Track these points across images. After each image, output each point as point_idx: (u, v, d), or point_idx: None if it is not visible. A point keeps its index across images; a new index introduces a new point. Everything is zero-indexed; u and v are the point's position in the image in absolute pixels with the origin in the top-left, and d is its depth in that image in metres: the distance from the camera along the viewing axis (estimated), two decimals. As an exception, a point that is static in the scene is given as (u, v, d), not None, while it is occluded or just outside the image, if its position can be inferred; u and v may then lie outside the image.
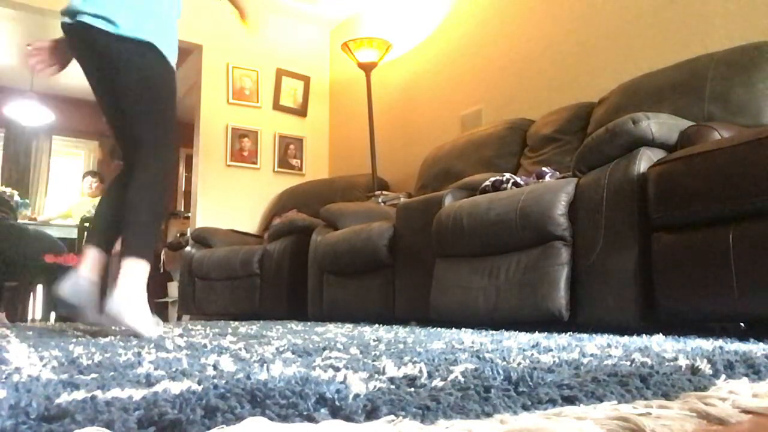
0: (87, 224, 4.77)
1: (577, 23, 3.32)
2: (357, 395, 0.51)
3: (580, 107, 2.95)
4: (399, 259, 2.77)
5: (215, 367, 0.78)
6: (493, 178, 2.56)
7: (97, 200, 6.21)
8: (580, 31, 3.30)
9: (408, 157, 4.40)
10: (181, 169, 8.31)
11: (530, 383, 0.58)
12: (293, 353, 1.04)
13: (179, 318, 4.96)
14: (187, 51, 5.54)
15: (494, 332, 1.88)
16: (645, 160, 1.81)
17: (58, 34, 1.92)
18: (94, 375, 0.71)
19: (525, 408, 0.50)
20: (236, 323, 2.86)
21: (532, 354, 0.98)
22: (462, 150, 3.50)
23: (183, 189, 8.20)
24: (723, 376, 0.67)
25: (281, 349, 1.15)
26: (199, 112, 5.09)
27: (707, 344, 1.20)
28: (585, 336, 1.61)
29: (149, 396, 0.52)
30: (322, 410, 0.47)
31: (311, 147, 5.45)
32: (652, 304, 1.71)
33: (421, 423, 0.46)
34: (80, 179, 7.80)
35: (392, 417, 0.46)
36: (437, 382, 0.62)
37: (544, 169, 2.55)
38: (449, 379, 0.65)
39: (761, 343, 1.24)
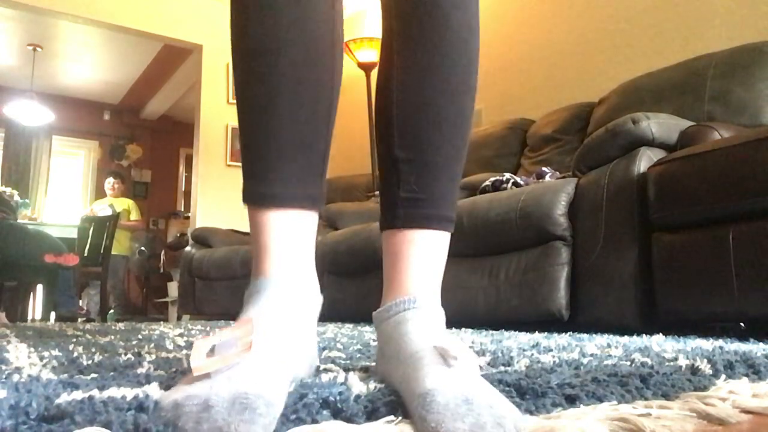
0: (87, 224, 4.78)
1: (577, 23, 3.32)
2: (358, 396, 0.51)
3: (580, 107, 2.95)
4: (399, 259, 2.77)
5: (215, 368, 0.78)
6: (493, 178, 2.56)
7: (117, 200, 6.24)
8: (580, 31, 3.30)
9: (408, 157, 4.40)
10: (181, 169, 8.31)
11: (531, 384, 0.58)
12: (293, 353, 1.04)
13: (179, 318, 4.96)
14: (187, 51, 5.55)
15: (494, 332, 1.88)
16: (645, 160, 1.81)
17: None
18: (94, 375, 0.71)
19: (527, 410, 0.50)
20: (236, 323, 2.85)
21: (532, 354, 0.98)
22: (462, 150, 3.50)
23: (183, 189, 8.21)
24: (723, 376, 0.67)
25: (281, 349, 1.15)
26: (199, 112, 5.09)
27: (707, 344, 1.19)
28: (585, 336, 1.61)
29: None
30: (324, 411, 0.47)
31: (311, 147, 5.45)
32: (652, 304, 1.71)
33: (421, 423, 0.46)
34: (80, 181, 7.82)
35: (392, 417, 0.46)
36: (437, 383, 0.62)
37: (544, 169, 2.55)
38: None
39: (761, 343, 1.24)
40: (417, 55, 0.70)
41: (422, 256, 0.69)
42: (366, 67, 4.29)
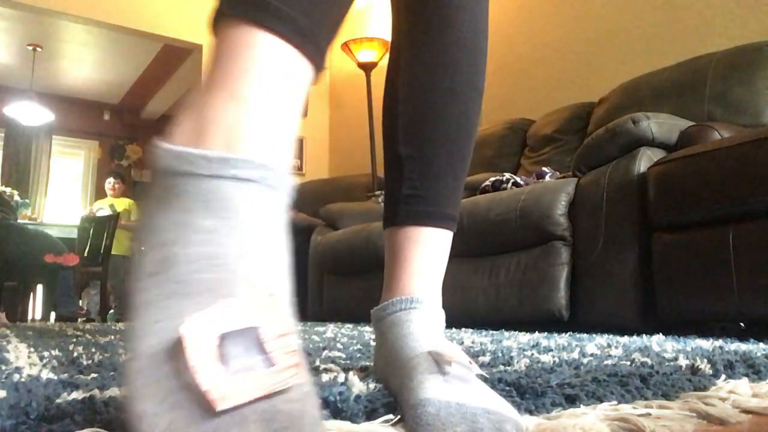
0: (87, 224, 4.78)
1: (577, 23, 3.32)
2: (358, 396, 0.51)
3: (580, 107, 2.95)
4: (399, 259, 2.77)
5: (215, 368, 0.78)
6: (493, 178, 2.56)
7: (117, 200, 6.24)
8: (580, 31, 3.30)
9: (408, 157, 4.39)
10: (181, 169, 8.31)
11: (531, 383, 0.58)
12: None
13: (179, 318, 4.95)
14: (187, 51, 5.55)
15: (494, 332, 1.88)
16: (645, 160, 1.81)
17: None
18: (94, 375, 0.71)
19: (526, 410, 0.50)
20: (236, 323, 2.84)
21: (532, 354, 0.98)
22: (462, 150, 3.50)
23: (183, 189, 8.20)
24: (723, 376, 0.67)
25: (281, 349, 1.15)
26: (199, 112, 5.09)
27: (707, 344, 1.20)
28: (585, 336, 1.61)
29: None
30: (324, 411, 0.47)
31: (311, 147, 5.45)
32: (652, 304, 1.71)
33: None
34: (80, 181, 7.81)
35: (390, 416, 0.46)
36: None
37: (544, 169, 2.55)
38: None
39: (761, 343, 1.24)
40: (422, 53, 0.70)
41: (422, 255, 0.67)
42: (366, 67, 4.29)
